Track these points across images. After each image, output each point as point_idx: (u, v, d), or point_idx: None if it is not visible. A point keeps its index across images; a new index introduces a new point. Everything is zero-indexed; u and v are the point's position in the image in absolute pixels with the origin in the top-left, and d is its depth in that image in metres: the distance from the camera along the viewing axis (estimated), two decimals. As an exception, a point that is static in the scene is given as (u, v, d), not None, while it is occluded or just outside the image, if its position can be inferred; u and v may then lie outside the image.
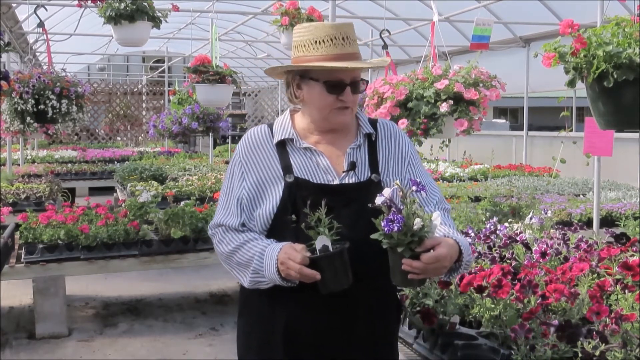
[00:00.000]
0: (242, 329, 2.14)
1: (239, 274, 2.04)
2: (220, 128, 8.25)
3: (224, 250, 2.04)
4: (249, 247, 1.99)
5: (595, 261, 2.51)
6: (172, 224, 5.40)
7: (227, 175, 2.12)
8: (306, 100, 2.06)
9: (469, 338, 2.30)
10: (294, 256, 1.85)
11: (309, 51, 1.99)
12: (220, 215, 2.07)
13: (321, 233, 1.86)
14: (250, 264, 1.97)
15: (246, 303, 2.12)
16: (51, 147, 14.05)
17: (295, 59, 2.04)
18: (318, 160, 2.03)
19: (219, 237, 2.07)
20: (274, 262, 1.90)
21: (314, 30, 2.00)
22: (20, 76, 5.31)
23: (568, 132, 8.18)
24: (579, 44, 2.09)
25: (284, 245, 1.91)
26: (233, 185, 2.08)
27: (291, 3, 4.96)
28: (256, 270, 1.96)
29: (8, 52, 6.36)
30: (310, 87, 2.03)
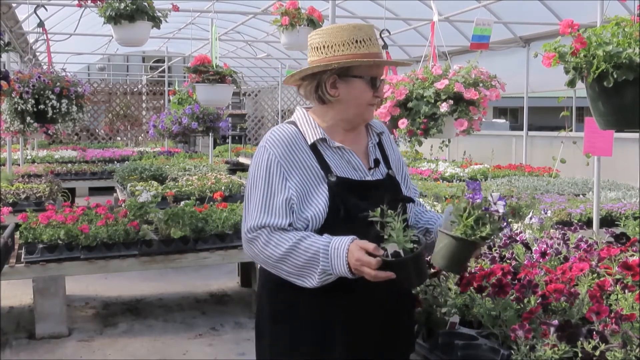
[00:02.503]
0: (286, 336, 2.09)
1: (299, 275, 1.97)
2: (220, 128, 8.25)
3: (274, 253, 1.98)
4: (306, 246, 1.95)
5: (595, 261, 2.50)
6: (172, 224, 5.40)
7: (260, 174, 2.04)
8: (343, 98, 2.11)
9: (469, 338, 2.30)
10: (367, 262, 1.85)
11: (351, 50, 2.07)
12: (262, 216, 2.01)
13: (392, 240, 1.90)
14: (314, 264, 1.93)
15: (288, 308, 2.08)
16: (51, 147, 14.05)
17: (329, 59, 2.07)
18: (349, 158, 2.13)
19: (264, 239, 1.99)
20: (343, 261, 1.89)
21: (352, 30, 2.09)
22: (20, 76, 5.31)
23: (568, 132, 8.17)
24: (579, 44, 2.09)
25: (351, 244, 1.90)
26: (274, 185, 2.03)
27: (291, 3, 4.96)
28: (324, 270, 1.93)
29: (8, 52, 6.36)
30: (351, 84, 2.09)
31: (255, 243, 2.01)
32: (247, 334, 5.08)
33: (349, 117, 2.14)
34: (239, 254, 5.50)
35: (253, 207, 2.03)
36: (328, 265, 1.91)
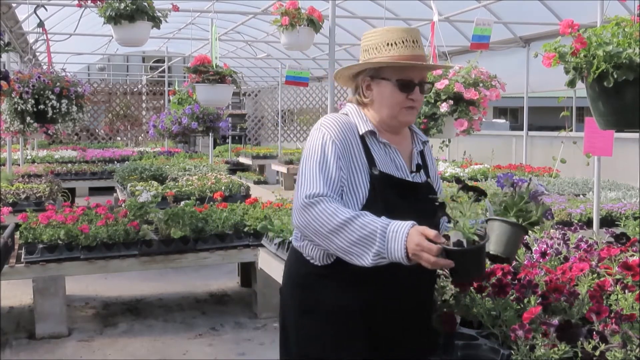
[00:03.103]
0: (311, 329, 2.12)
1: (349, 252, 1.93)
2: (220, 128, 8.24)
3: (329, 222, 1.94)
4: (363, 223, 1.92)
5: (595, 261, 2.50)
6: (172, 224, 5.40)
7: (316, 150, 2.06)
8: (376, 100, 2.16)
9: (469, 338, 2.30)
10: (428, 247, 1.84)
11: (381, 52, 2.13)
12: (322, 185, 2.00)
13: (457, 229, 1.89)
14: (369, 243, 1.90)
15: (314, 302, 2.10)
16: (51, 147, 14.05)
17: (367, 61, 2.16)
18: (393, 156, 2.17)
19: (322, 206, 1.96)
20: (401, 245, 1.86)
21: (385, 33, 2.14)
22: (20, 76, 5.31)
23: (568, 132, 8.16)
24: (579, 44, 2.09)
25: (411, 229, 1.87)
26: (329, 161, 2.04)
27: (291, 3, 4.95)
28: (379, 252, 1.89)
29: (8, 52, 6.36)
30: (382, 86, 2.15)
31: (312, 209, 1.96)
32: (247, 334, 5.08)
33: (384, 119, 2.17)
34: (239, 254, 5.50)
35: (311, 176, 2.02)
36: (384, 248, 1.88)
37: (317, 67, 16.21)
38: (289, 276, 2.24)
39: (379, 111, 2.17)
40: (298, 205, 2.01)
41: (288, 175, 12.52)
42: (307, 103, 17.42)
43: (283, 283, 2.28)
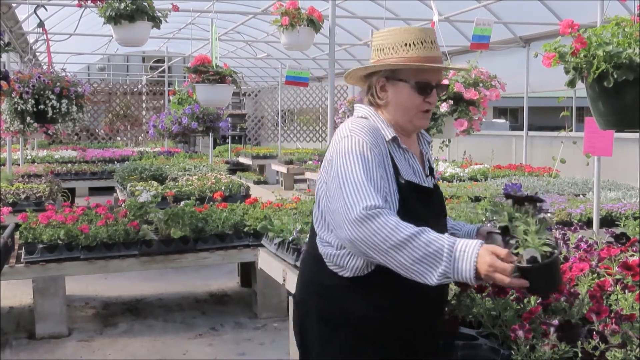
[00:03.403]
0: (337, 340, 2.05)
1: (412, 270, 1.82)
2: (220, 128, 8.25)
3: (391, 237, 1.81)
4: (428, 240, 1.80)
5: (595, 261, 2.50)
6: (172, 224, 5.40)
7: (354, 156, 1.94)
8: (391, 102, 2.08)
9: (469, 338, 2.30)
10: (502, 268, 1.74)
11: (398, 53, 2.05)
12: (374, 196, 1.87)
13: (527, 245, 1.80)
14: (435, 261, 1.79)
15: (341, 313, 2.04)
16: (51, 147, 14.04)
17: (381, 61, 2.07)
18: (411, 162, 2.12)
19: (382, 220, 1.82)
20: (471, 265, 1.76)
21: (403, 33, 2.06)
22: (20, 76, 5.31)
23: (568, 132, 8.17)
24: (579, 44, 2.09)
25: (480, 248, 1.78)
26: (373, 169, 1.93)
27: (291, 3, 4.95)
28: (445, 272, 1.78)
29: (8, 52, 6.36)
30: (398, 88, 2.07)
31: (371, 223, 1.83)
32: (247, 334, 5.08)
33: (399, 122, 2.10)
34: (239, 254, 5.50)
35: (360, 186, 1.88)
36: (450, 267, 1.78)
37: (317, 67, 16.21)
38: (310, 287, 2.13)
39: (394, 114, 2.09)
40: (353, 217, 1.85)
41: (288, 175, 12.51)
42: (307, 103, 17.42)
43: (302, 294, 2.18)
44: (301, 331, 2.18)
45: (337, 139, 2.03)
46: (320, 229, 2.11)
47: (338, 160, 1.97)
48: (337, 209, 1.92)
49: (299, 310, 2.18)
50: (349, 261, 2.03)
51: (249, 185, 8.33)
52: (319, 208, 2.12)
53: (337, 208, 1.92)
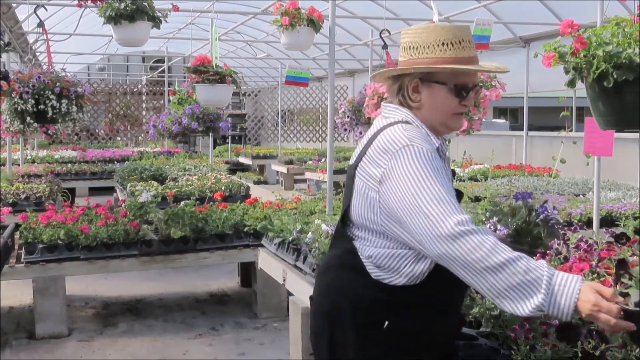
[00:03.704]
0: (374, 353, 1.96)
1: (503, 296, 1.69)
2: (220, 128, 8.24)
3: (487, 258, 1.69)
4: (526, 267, 1.67)
5: (595, 261, 2.50)
6: (172, 224, 5.40)
7: (424, 166, 1.81)
8: (425, 105, 1.98)
9: (469, 338, 2.30)
10: (607, 308, 1.62)
11: (435, 53, 1.93)
12: (458, 209, 1.77)
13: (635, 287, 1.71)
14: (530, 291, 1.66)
15: (377, 326, 1.94)
16: (51, 147, 14.04)
17: (414, 61, 1.96)
18: (447, 166, 2.02)
19: (479, 238, 1.71)
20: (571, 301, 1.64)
21: (439, 31, 1.95)
22: (20, 76, 5.30)
23: (568, 132, 8.17)
24: (579, 44, 2.09)
25: (583, 284, 1.66)
26: (446, 180, 1.83)
27: (291, 3, 4.95)
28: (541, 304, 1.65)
29: (8, 52, 6.35)
30: (434, 90, 1.96)
31: (466, 240, 1.71)
32: (247, 334, 5.08)
33: (433, 125, 1.99)
34: (239, 254, 5.50)
35: (442, 198, 1.77)
36: (547, 300, 1.64)
37: (317, 67, 16.21)
38: (344, 298, 2.00)
39: (428, 116, 1.98)
40: (444, 233, 1.73)
41: (288, 175, 12.51)
42: (307, 103, 17.41)
43: (333, 305, 2.04)
44: (331, 343, 2.05)
45: (394, 148, 1.87)
46: (362, 239, 2.00)
47: (405, 172, 1.82)
48: (418, 224, 1.78)
49: (328, 321, 2.05)
50: (408, 266, 1.92)
51: (249, 185, 8.33)
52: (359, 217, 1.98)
53: (418, 223, 1.78)
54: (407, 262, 1.92)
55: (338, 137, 15.34)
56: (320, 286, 2.12)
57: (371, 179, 1.91)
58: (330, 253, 2.16)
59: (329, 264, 2.13)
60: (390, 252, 1.94)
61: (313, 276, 3.77)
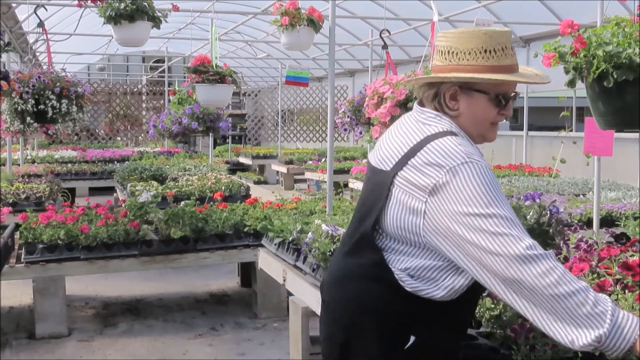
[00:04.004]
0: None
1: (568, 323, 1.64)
2: (220, 128, 8.25)
3: (559, 285, 1.64)
4: (596, 300, 1.63)
5: (595, 261, 2.50)
6: (172, 224, 5.40)
7: (492, 188, 1.75)
8: (464, 114, 1.90)
9: (469, 338, 2.30)
10: None
11: (477, 60, 1.85)
12: (524, 231, 1.73)
13: None
14: (594, 323, 1.62)
15: (405, 339, 1.89)
16: (51, 147, 14.04)
17: (453, 67, 1.87)
18: None
19: (549, 263, 1.66)
20: (632, 339, 1.61)
21: (482, 37, 1.86)
22: (20, 76, 5.30)
23: (568, 132, 8.18)
24: (579, 44, 2.09)
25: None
26: (504, 199, 1.77)
27: (291, 3, 4.95)
28: (599, 337, 1.61)
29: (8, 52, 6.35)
30: (473, 99, 1.88)
31: (538, 263, 1.66)
32: (247, 334, 5.08)
33: (472, 135, 1.92)
34: (239, 254, 5.51)
35: (510, 222, 1.71)
36: (607, 334, 1.61)
37: (317, 67, 16.22)
38: (368, 311, 1.93)
39: (467, 126, 1.91)
40: (517, 254, 1.67)
41: (288, 175, 12.52)
42: (307, 103, 17.42)
43: (355, 317, 1.95)
44: (347, 354, 1.98)
45: (450, 163, 1.77)
46: (395, 250, 1.92)
47: (468, 190, 1.74)
48: (484, 245, 1.71)
49: (348, 333, 1.97)
50: (448, 278, 1.86)
51: (249, 185, 8.33)
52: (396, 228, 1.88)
53: (484, 244, 1.71)
54: (447, 274, 1.86)
55: (338, 137, 15.34)
56: (341, 295, 2.01)
57: (417, 189, 1.81)
58: (352, 260, 2.00)
59: (351, 273, 2.00)
60: (431, 263, 1.86)
61: (313, 276, 3.77)
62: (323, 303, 2.11)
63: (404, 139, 1.93)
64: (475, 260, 1.74)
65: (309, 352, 3.89)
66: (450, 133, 1.86)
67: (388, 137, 2.02)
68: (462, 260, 1.77)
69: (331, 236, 3.60)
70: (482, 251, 1.71)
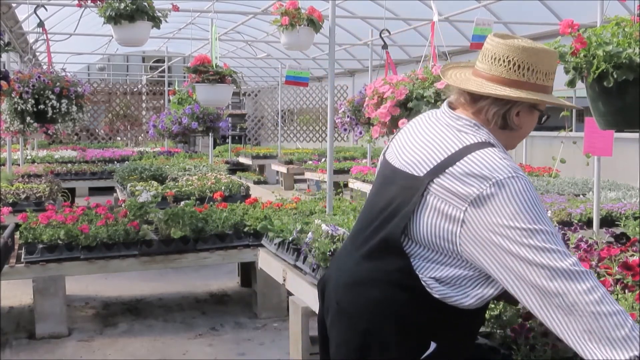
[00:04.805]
0: None
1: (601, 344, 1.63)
2: (220, 128, 8.25)
3: (603, 305, 1.64)
4: (633, 324, 1.64)
5: (595, 261, 2.50)
6: (172, 224, 5.40)
7: (536, 204, 1.75)
8: (521, 129, 1.94)
9: (469, 338, 2.30)
10: None
11: (548, 82, 1.89)
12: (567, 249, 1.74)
13: None
14: (631, 346, 1.61)
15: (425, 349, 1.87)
16: (51, 147, 14.04)
17: (533, 86, 1.87)
18: None
19: (595, 282, 1.67)
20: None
21: (553, 58, 1.91)
22: (20, 76, 5.31)
23: (568, 132, 8.18)
24: (579, 44, 2.09)
25: None
26: (547, 217, 1.77)
27: (291, 3, 4.95)
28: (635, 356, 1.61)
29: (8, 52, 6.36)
30: (532, 116, 1.93)
31: (584, 280, 1.66)
32: (247, 334, 5.08)
33: (510, 146, 1.97)
34: (239, 254, 5.51)
35: (554, 238, 1.71)
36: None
37: (317, 67, 16.23)
38: (394, 318, 1.90)
39: (515, 139, 1.97)
40: (564, 268, 1.67)
41: (288, 175, 12.52)
42: (307, 103, 17.42)
43: (379, 322, 1.92)
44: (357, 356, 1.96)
45: (496, 176, 1.76)
46: (424, 258, 1.88)
47: (515, 205, 1.73)
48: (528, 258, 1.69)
49: (365, 338, 1.93)
50: (478, 287, 1.85)
51: (249, 185, 8.33)
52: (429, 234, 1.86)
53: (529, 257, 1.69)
54: (477, 283, 1.85)
55: (338, 137, 15.35)
56: (361, 300, 1.96)
57: (456, 197, 1.78)
58: (373, 264, 1.96)
59: (373, 278, 1.95)
60: (462, 273, 1.84)
61: (313, 276, 3.76)
62: (336, 306, 2.04)
63: (438, 145, 1.89)
64: (514, 273, 1.72)
65: (309, 352, 3.89)
66: (490, 145, 1.85)
67: (413, 138, 1.98)
68: (497, 272, 1.75)
69: (331, 236, 3.60)
70: (526, 263, 1.69)
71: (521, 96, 1.84)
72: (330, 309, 2.06)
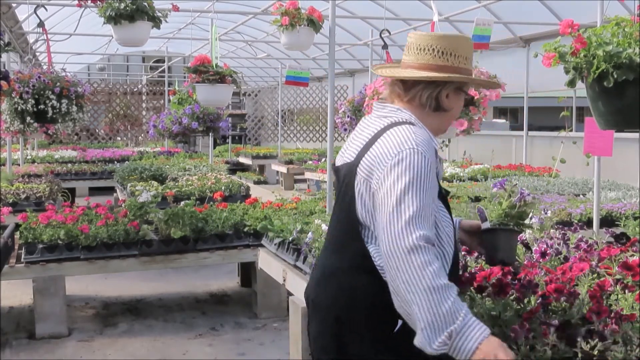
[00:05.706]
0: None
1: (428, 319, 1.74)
2: (220, 128, 8.24)
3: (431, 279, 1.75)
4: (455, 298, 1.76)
5: (595, 261, 2.50)
6: (172, 224, 5.40)
7: (421, 177, 1.85)
8: (450, 111, 2.10)
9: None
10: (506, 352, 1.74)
11: (468, 65, 2.09)
12: (427, 226, 1.82)
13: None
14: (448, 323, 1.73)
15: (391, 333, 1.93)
16: (51, 147, 14.04)
17: (454, 68, 2.04)
18: (440, 166, 2.10)
19: (431, 256, 1.77)
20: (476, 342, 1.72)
21: (470, 45, 2.12)
22: (20, 76, 5.30)
23: (568, 132, 8.18)
24: (579, 44, 2.09)
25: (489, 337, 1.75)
26: (427, 194, 1.85)
27: (291, 3, 4.95)
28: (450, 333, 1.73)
29: (8, 52, 6.35)
30: (459, 98, 2.11)
31: (421, 253, 1.76)
32: (247, 334, 5.08)
33: (440, 128, 2.13)
34: (239, 254, 5.51)
35: (418, 213, 1.80)
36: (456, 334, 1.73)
37: (317, 67, 16.21)
38: (362, 301, 1.97)
39: (445, 121, 2.12)
40: (405, 244, 1.78)
41: (288, 175, 12.51)
42: (307, 103, 17.41)
43: (348, 307, 1.99)
44: (341, 345, 2.01)
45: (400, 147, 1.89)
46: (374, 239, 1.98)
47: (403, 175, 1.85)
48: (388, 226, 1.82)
49: (339, 325, 2.01)
50: None
51: (249, 185, 8.33)
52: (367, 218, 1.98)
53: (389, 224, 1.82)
54: None
55: (338, 137, 15.33)
56: (330, 290, 2.05)
57: (373, 171, 1.94)
58: (339, 256, 2.06)
59: (339, 267, 2.05)
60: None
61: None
62: (311, 303, 2.15)
63: (365, 133, 2.06)
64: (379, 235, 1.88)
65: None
66: (407, 123, 2.00)
67: (350, 139, 2.16)
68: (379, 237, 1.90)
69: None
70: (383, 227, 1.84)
71: (451, 76, 2.02)
72: (308, 307, 2.18)
